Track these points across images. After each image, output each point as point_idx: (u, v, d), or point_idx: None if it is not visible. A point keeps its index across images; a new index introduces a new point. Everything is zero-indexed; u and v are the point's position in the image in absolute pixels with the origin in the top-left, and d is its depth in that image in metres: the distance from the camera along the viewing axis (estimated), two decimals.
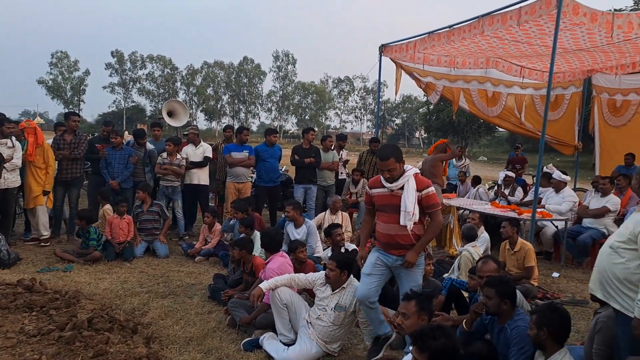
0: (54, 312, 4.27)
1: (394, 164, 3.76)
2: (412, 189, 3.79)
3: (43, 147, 7.27)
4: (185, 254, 7.23)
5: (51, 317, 4.18)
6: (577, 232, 7.48)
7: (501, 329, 3.64)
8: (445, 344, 2.74)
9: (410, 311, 3.46)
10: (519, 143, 13.84)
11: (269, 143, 8.72)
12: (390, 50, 9.61)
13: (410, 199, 3.77)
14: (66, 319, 4.06)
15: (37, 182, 7.21)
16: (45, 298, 4.56)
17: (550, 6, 6.02)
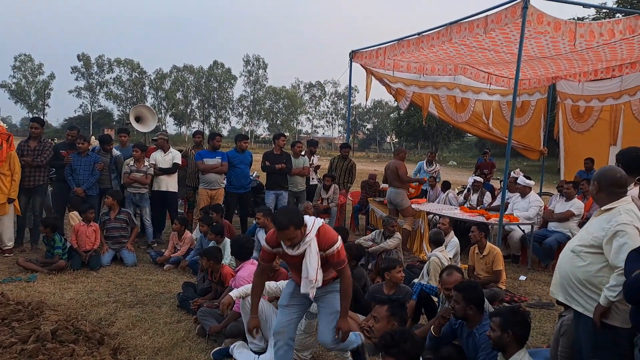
0: (17, 325, 4.13)
1: (293, 232, 3.30)
2: (314, 253, 3.40)
3: (9, 154, 7.01)
4: (153, 262, 7.07)
5: (13, 329, 4.05)
6: (543, 236, 7.63)
7: (470, 333, 3.69)
8: (410, 349, 2.80)
9: (382, 315, 3.48)
10: (487, 148, 14.11)
11: (239, 149, 8.63)
12: (361, 56, 9.69)
13: (312, 265, 3.39)
14: (29, 331, 3.94)
15: (2, 190, 6.95)
16: (7, 310, 4.43)
17: (515, 15, 6.18)
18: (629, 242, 2.83)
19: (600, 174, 3.21)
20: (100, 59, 75.98)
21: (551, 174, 18.30)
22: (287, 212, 3.44)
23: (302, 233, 3.37)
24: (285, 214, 3.36)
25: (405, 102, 10.53)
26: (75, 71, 75.24)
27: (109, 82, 76.96)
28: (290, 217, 3.32)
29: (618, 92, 9.77)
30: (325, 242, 3.43)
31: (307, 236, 3.38)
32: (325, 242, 3.43)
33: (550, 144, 11.81)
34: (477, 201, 9.50)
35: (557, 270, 3.27)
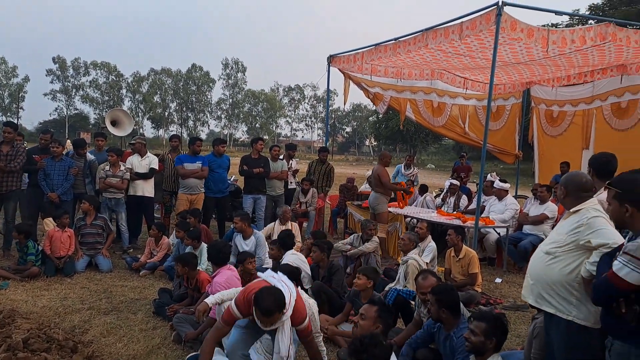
0: None
1: (277, 317, 3.38)
2: (287, 330, 3.47)
3: None
4: (129, 268, 6.98)
5: None
6: (518, 239, 7.74)
7: (447, 336, 3.72)
8: (379, 354, 2.85)
9: (369, 315, 3.53)
10: (464, 152, 14.24)
11: (216, 153, 8.58)
12: (339, 60, 9.73)
13: (285, 342, 3.46)
14: (0, 340, 3.86)
15: None
16: None
17: (489, 22, 6.27)
18: (603, 226, 2.95)
19: (567, 180, 3.31)
20: (76, 62, 74.97)
21: (526, 177, 18.57)
22: (272, 296, 3.38)
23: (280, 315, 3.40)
24: (272, 300, 3.33)
25: (382, 106, 10.60)
26: (51, 74, 74.08)
27: (85, 85, 75.96)
28: (277, 303, 3.33)
29: (590, 97, 9.96)
30: (297, 319, 3.50)
31: (284, 315, 3.41)
32: (298, 318, 3.50)
33: (525, 147, 12.01)
34: (454, 204, 9.60)
35: (528, 273, 3.32)
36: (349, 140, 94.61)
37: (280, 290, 3.49)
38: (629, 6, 31.32)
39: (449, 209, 9.36)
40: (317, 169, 9.87)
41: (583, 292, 2.96)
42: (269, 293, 3.40)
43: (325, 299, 5.13)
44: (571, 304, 3.00)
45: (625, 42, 6.64)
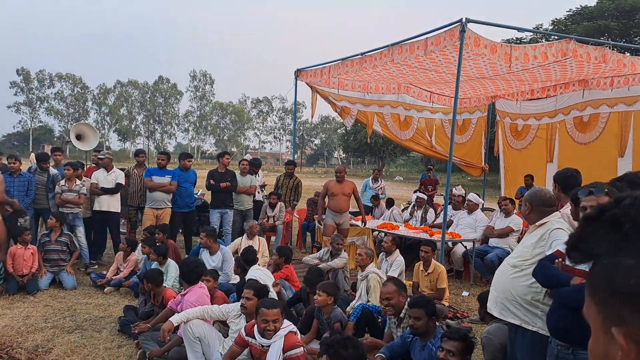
0: None
1: (277, 314, 3.62)
2: (276, 351, 3.58)
3: None
4: (94, 285, 6.86)
5: None
6: (484, 252, 7.77)
7: (423, 346, 3.75)
8: (353, 354, 2.95)
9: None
10: (431, 164, 14.39)
11: (182, 167, 8.51)
12: (306, 74, 9.72)
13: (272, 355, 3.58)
14: None
15: None
16: None
17: (453, 38, 6.36)
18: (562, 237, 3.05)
19: (531, 196, 3.39)
20: (40, 74, 73.26)
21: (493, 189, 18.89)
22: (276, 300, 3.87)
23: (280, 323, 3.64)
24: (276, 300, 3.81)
25: (350, 120, 10.63)
26: (15, 86, 72.18)
27: (50, 97, 74.31)
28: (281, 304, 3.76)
29: (553, 111, 10.17)
30: (289, 344, 3.62)
31: (281, 330, 3.63)
32: (289, 344, 3.62)
33: (492, 160, 12.19)
34: (421, 218, 9.64)
35: (493, 286, 3.38)
36: (318, 152, 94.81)
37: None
38: (590, 21, 32.46)
39: (416, 223, 9.38)
40: (284, 182, 9.80)
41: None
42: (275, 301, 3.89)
43: None
44: (536, 315, 3.07)
45: (585, 58, 6.83)
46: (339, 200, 8.22)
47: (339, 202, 8.21)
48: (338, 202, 8.21)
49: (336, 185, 8.22)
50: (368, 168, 62.83)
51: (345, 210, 8.26)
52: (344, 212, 8.26)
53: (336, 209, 8.21)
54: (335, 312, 4.63)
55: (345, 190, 8.22)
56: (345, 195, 8.22)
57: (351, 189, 8.33)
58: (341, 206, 8.22)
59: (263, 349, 3.67)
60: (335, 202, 8.22)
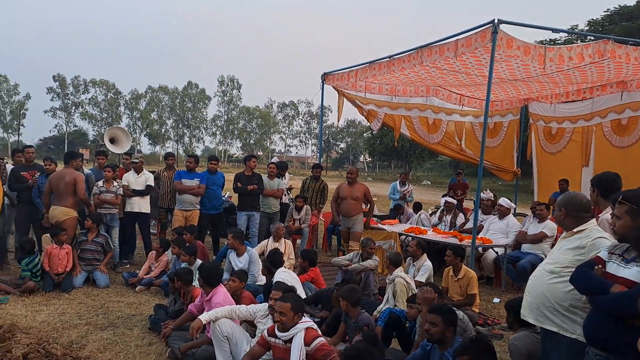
0: None
1: (288, 310, 3.68)
2: (298, 344, 3.63)
3: None
4: (126, 284, 7.02)
5: None
6: (516, 258, 7.58)
7: (441, 356, 3.66)
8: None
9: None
10: (460, 169, 14.16)
11: (209, 170, 8.63)
12: (332, 78, 9.68)
13: (294, 355, 3.61)
14: (0, 355, 4.05)
15: None
16: None
17: (485, 39, 6.22)
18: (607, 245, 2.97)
19: (566, 201, 3.32)
20: (76, 80, 75.85)
21: (526, 194, 18.46)
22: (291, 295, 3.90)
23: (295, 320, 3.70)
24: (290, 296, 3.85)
25: (377, 123, 10.54)
26: (51, 91, 74.83)
27: (85, 103, 76.77)
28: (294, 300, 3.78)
29: (589, 114, 9.88)
30: (310, 337, 3.66)
31: (299, 325, 3.69)
32: (310, 337, 3.66)
33: (524, 164, 11.93)
34: (450, 222, 9.47)
35: (527, 292, 3.32)
36: (343, 156, 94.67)
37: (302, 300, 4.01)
38: (629, 21, 31.36)
39: (445, 228, 9.23)
40: (310, 185, 9.80)
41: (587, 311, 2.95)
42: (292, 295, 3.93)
43: None
44: (575, 322, 3.01)
45: (624, 59, 6.58)
46: (347, 204, 8.18)
47: (347, 206, 8.18)
48: (346, 206, 8.18)
49: (346, 188, 8.24)
50: (394, 172, 62.44)
51: (355, 214, 8.16)
52: (353, 216, 8.17)
53: (344, 213, 8.22)
54: (362, 315, 4.61)
55: (355, 194, 8.15)
56: (354, 199, 8.14)
57: (361, 193, 8.25)
58: (349, 210, 8.15)
59: (285, 346, 3.69)
60: (344, 206, 8.21)
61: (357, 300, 4.60)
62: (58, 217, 7.07)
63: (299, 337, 3.62)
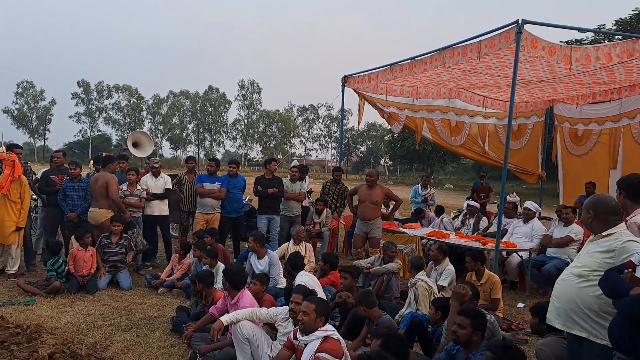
0: (15, 348, 4.33)
1: (312, 311, 3.65)
2: (309, 352, 3.57)
3: (20, 181, 7.09)
4: (148, 286, 7.12)
5: (12, 352, 4.24)
6: (541, 262, 7.46)
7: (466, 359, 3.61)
8: None
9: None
10: (484, 172, 13.99)
11: (230, 174, 8.67)
12: (353, 81, 9.65)
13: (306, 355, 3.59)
14: (27, 355, 4.16)
15: (11, 217, 7.00)
16: (6, 333, 4.65)
17: (509, 40, 6.14)
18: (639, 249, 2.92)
19: (594, 203, 3.25)
20: (99, 85, 77.09)
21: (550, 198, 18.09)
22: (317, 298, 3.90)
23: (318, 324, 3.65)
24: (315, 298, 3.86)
25: (398, 126, 10.47)
26: (76, 97, 76.17)
27: (108, 108, 78.00)
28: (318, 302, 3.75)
29: (617, 115, 9.69)
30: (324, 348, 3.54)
31: (318, 332, 3.62)
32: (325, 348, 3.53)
33: (549, 167, 11.72)
34: (473, 226, 9.33)
35: (555, 297, 3.26)
36: (364, 160, 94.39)
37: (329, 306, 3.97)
38: None
39: (468, 231, 9.10)
40: (331, 189, 9.78)
41: None
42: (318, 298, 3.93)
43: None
44: (605, 328, 2.94)
45: None
46: (365, 208, 7.93)
47: (365, 209, 7.93)
48: (364, 210, 7.94)
49: (365, 191, 7.98)
50: (416, 175, 61.96)
51: (373, 218, 7.93)
52: (371, 220, 7.93)
53: (362, 216, 7.97)
54: (383, 318, 4.59)
55: (373, 197, 7.90)
56: (373, 203, 7.88)
57: (381, 197, 8.02)
58: (367, 214, 7.91)
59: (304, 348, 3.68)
60: (362, 210, 7.97)
61: (372, 303, 4.59)
62: (97, 219, 7.40)
63: (312, 345, 3.58)
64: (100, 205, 7.43)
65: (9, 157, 7.06)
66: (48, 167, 8.71)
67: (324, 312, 3.70)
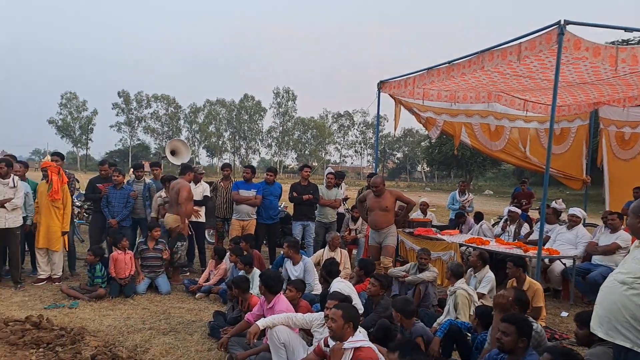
0: (60, 349, 4.52)
1: (339, 317, 3.62)
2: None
3: (63, 187, 7.35)
4: (186, 290, 7.25)
5: (57, 353, 4.43)
6: (586, 270, 7.23)
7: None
8: None
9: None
10: (525, 177, 13.64)
11: (266, 181, 8.75)
12: (389, 86, 9.57)
13: None
14: (71, 356, 4.35)
15: (56, 223, 7.27)
16: (51, 335, 4.86)
17: (550, 42, 5.96)
18: None
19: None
20: (139, 95, 79.96)
21: (596, 204, 17.50)
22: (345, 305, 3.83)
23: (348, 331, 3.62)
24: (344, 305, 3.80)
25: (435, 131, 10.32)
26: (116, 107, 79.33)
27: (147, 117, 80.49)
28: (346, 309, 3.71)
29: None
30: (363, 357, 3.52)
31: (350, 342, 3.59)
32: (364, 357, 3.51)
33: (594, 172, 11.33)
34: (514, 233, 9.09)
35: (598, 304, 3.17)
36: (400, 166, 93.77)
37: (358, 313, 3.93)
38: None
39: (509, 238, 8.87)
40: None
41: None
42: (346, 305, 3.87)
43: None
44: None
45: None
46: (375, 216, 7.36)
47: (375, 217, 7.36)
48: (374, 218, 7.36)
49: (373, 198, 7.38)
50: (454, 181, 61.06)
51: (385, 227, 7.32)
52: (382, 229, 7.33)
53: (372, 225, 7.45)
54: (417, 326, 4.57)
55: (383, 204, 7.26)
56: (383, 210, 7.27)
57: (391, 202, 7.32)
58: (377, 222, 7.35)
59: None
60: (372, 219, 7.41)
61: (410, 313, 4.58)
62: (170, 224, 7.68)
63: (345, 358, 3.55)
64: (174, 211, 7.69)
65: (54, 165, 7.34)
66: (92, 175, 9.00)
67: (352, 319, 3.67)
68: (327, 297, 4.64)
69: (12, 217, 6.90)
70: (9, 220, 6.86)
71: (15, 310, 6.00)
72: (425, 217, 10.59)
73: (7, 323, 5.16)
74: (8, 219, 6.86)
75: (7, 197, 6.82)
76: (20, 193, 6.95)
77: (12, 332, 4.89)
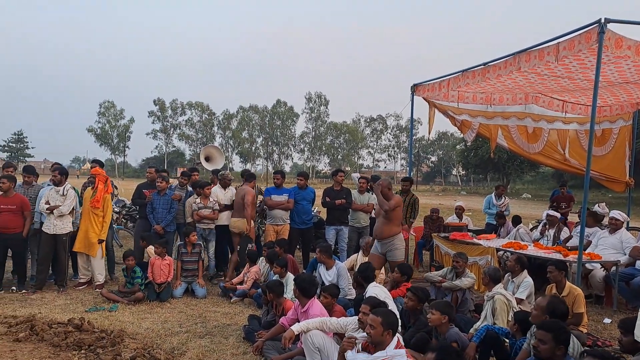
0: (101, 351, 4.69)
1: (378, 324, 3.61)
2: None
3: (105, 197, 7.55)
4: (222, 294, 7.37)
5: (98, 355, 4.60)
6: (630, 275, 6.98)
7: None
8: None
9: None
10: (564, 180, 13.29)
11: (298, 186, 8.81)
12: (423, 89, 9.49)
13: None
14: (111, 358, 4.50)
15: (94, 230, 7.44)
16: (92, 337, 5.04)
17: (590, 40, 5.83)
18: None
19: None
20: (174, 103, 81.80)
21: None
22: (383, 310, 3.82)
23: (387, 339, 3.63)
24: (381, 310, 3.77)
25: (471, 134, 10.17)
26: (152, 115, 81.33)
27: (182, 124, 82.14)
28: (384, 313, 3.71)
29: None
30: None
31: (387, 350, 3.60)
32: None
33: (638, 174, 10.95)
34: (554, 237, 8.86)
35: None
36: (435, 170, 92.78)
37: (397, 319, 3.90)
38: None
39: (548, 242, 8.65)
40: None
41: None
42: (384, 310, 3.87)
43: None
44: None
45: None
46: (377, 223, 6.86)
47: (377, 225, 6.88)
48: (377, 226, 6.87)
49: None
50: (490, 185, 60.01)
51: (387, 236, 6.72)
52: (384, 238, 6.74)
53: (374, 233, 6.98)
54: (451, 331, 4.52)
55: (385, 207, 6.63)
56: (386, 217, 6.65)
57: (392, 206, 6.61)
58: (378, 230, 6.80)
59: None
60: (375, 226, 6.97)
61: (450, 315, 4.54)
62: (240, 228, 8.16)
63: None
64: (241, 215, 8.12)
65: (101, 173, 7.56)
66: (130, 182, 9.18)
67: (390, 325, 3.66)
68: (361, 301, 4.63)
69: (60, 224, 7.13)
70: (57, 226, 7.11)
71: (58, 313, 6.16)
72: (461, 221, 10.44)
73: (50, 325, 5.33)
74: (56, 225, 7.11)
75: (56, 204, 7.07)
76: (67, 201, 7.17)
77: (55, 334, 5.05)
